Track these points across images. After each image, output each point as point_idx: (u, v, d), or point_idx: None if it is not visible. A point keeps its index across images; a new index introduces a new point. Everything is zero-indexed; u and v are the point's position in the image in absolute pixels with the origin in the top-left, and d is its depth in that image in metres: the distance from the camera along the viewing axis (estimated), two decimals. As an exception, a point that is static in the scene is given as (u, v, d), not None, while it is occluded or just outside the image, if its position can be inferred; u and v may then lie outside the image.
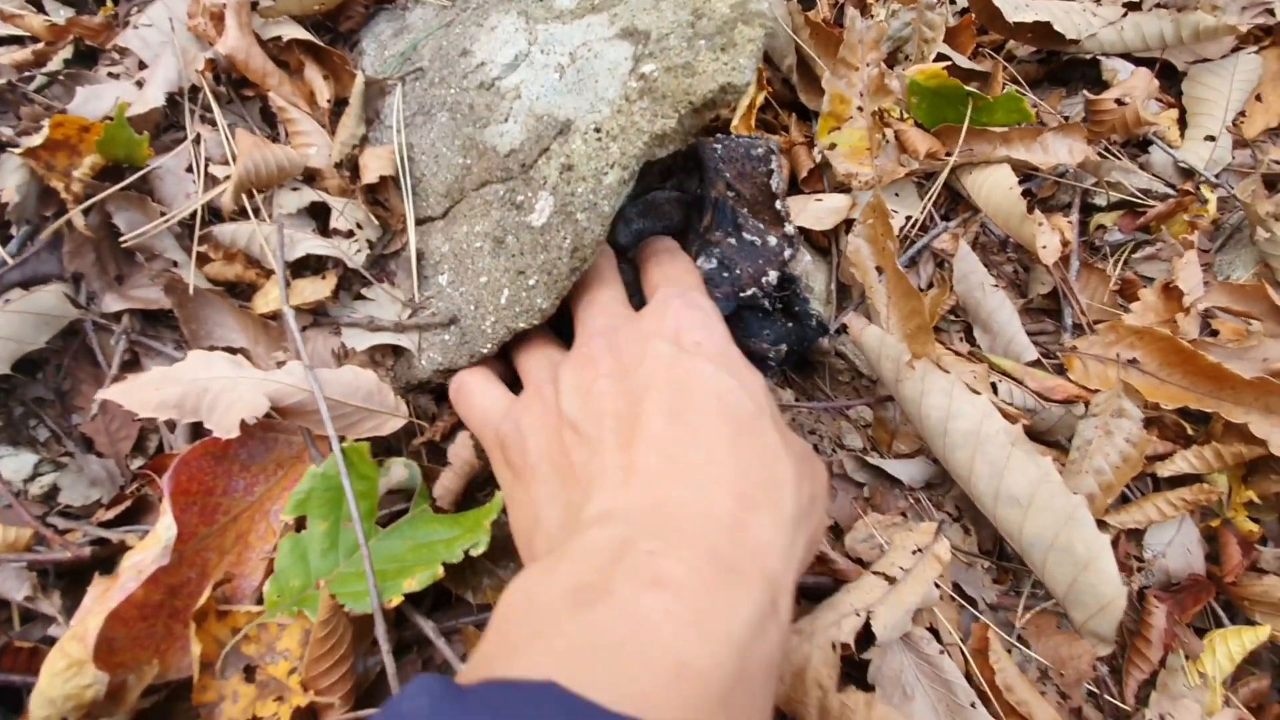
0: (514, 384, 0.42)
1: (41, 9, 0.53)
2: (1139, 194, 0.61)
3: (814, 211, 0.58)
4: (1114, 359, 0.51)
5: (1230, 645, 0.44)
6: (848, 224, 0.59)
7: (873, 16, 0.65)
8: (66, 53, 0.50)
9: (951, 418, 0.48)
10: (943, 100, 0.59)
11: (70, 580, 0.39)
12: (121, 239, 0.44)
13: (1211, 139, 0.63)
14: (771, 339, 0.50)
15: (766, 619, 0.24)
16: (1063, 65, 0.69)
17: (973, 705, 0.41)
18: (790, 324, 0.52)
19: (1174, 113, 0.67)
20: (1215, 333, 0.56)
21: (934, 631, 0.44)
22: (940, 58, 0.65)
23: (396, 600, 0.34)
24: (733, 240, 0.51)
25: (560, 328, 0.44)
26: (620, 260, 0.55)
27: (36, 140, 0.42)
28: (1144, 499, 0.49)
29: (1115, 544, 0.50)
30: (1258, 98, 0.65)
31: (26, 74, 0.49)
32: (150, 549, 0.32)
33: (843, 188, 0.60)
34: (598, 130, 0.41)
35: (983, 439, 0.47)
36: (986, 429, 0.47)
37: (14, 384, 0.43)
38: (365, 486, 0.37)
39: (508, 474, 0.35)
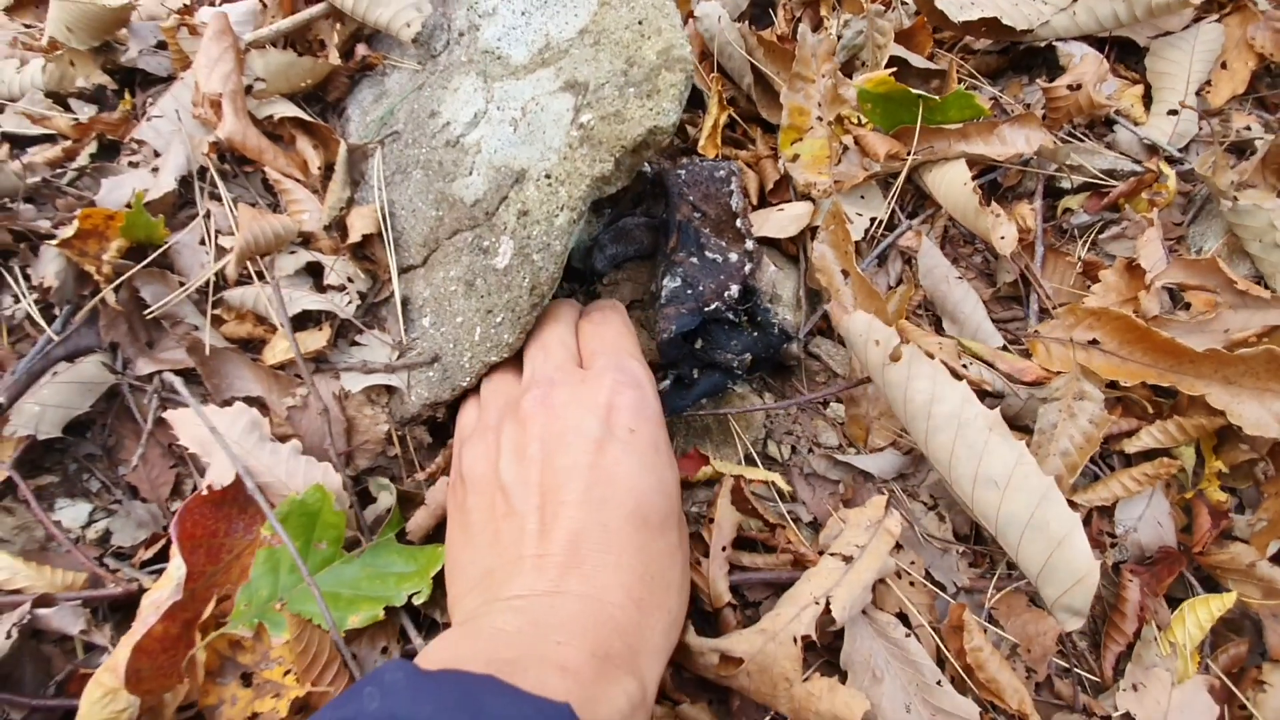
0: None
1: (68, 108, 0.61)
2: (1101, 175, 0.62)
3: (777, 221, 0.61)
4: (1074, 341, 0.53)
5: (1199, 614, 0.46)
6: (813, 231, 0.62)
7: (826, 29, 0.68)
8: (91, 148, 0.56)
9: (935, 401, 0.49)
10: (895, 104, 0.61)
11: (124, 614, 0.45)
12: (147, 310, 0.50)
13: (1174, 113, 0.64)
14: (738, 349, 0.53)
15: (637, 708, 0.30)
16: (1022, 54, 0.70)
17: (939, 683, 0.43)
18: (755, 334, 0.55)
19: (1139, 89, 0.67)
20: (1189, 306, 0.57)
21: (903, 617, 0.47)
22: (896, 60, 0.67)
23: (340, 633, 0.39)
24: (695, 259, 0.54)
25: None
26: (598, 285, 0.59)
27: (69, 231, 0.48)
28: (1110, 476, 0.51)
29: (1087, 522, 0.51)
30: (1223, 65, 0.65)
31: (59, 170, 0.56)
32: (165, 587, 0.37)
33: (806, 197, 0.63)
34: (548, 177, 0.45)
35: (963, 423, 0.49)
36: (966, 414, 0.48)
37: (67, 444, 0.49)
38: (336, 518, 0.42)
39: (451, 502, 0.41)
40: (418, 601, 0.41)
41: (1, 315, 0.51)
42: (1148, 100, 0.67)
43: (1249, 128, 0.64)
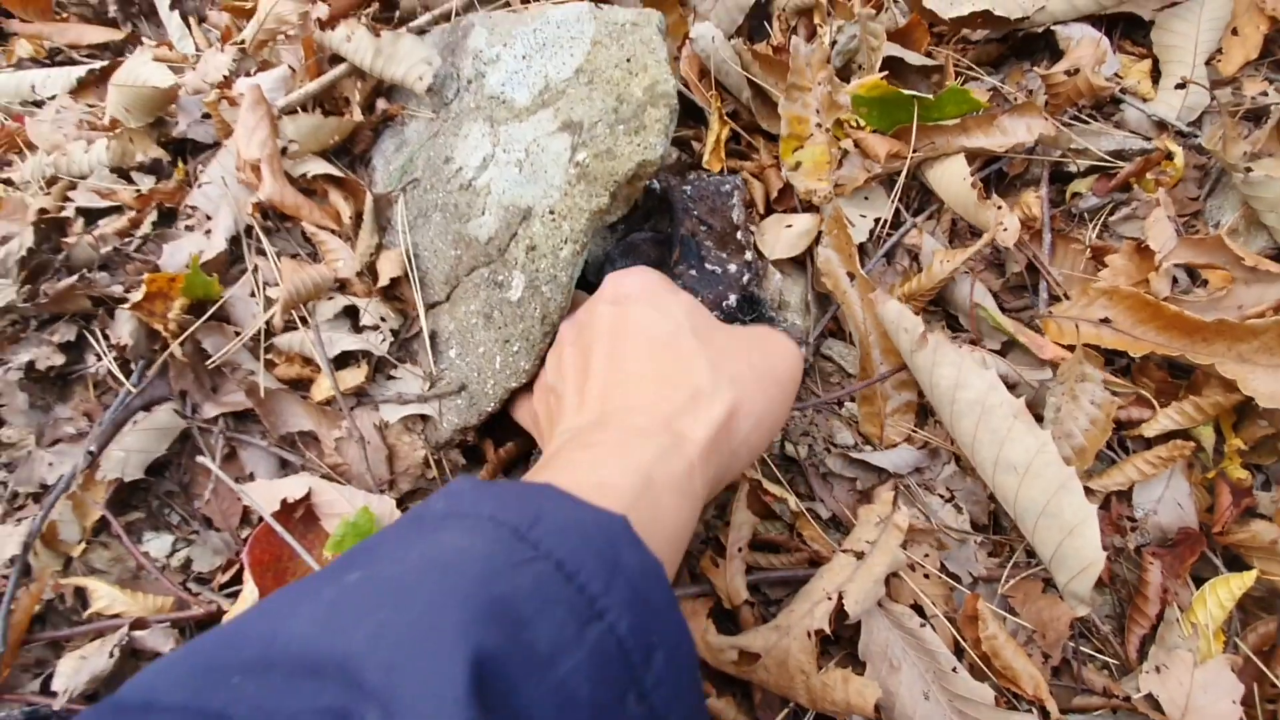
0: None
1: (130, 180, 0.67)
2: (1108, 157, 0.62)
3: (787, 240, 0.63)
4: (1087, 320, 0.53)
5: (1220, 593, 0.46)
6: (819, 236, 0.63)
7: (820, 37, 0.69)
8: (153, 216, 0.63)
9: (959, 387, 0.51)
10: (890, 106, 0.62)
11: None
12: (210, 360, 0.56)
13: (1182, 86, 0.63)
14: (746, 358, 0.56)
15: (669, 454, 0.33)
16: (1022, 40, 0.70)
17: (954, 670, 0.45)
18: (763, 341, 0.57)
19: (1146, 64, 0.66)
20: (1205, 283, 0.56)
21: (918, 608, 0.48)
22: (893, 59, 0.68)
23: None
24: (695, 272, 0.57)
25: None
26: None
27: (139, 295, 0.54)
28: (1124, 460, 0.51)
29: (1106, 506, 0.52)
30: (1233, 31, 0.64)
31: (126, 239, 0.62)
32: (241, 609, 0.42)
33: (810, 204, 0.65)
34: (551, 213, 0.49)
35: (987, 409, 0.50)
36: (991, 400, 0.50)
37: (149, 484, 0.55)
38: None
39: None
40: None
41: (87, 373, 0.58)
42: (1156, 75, 0.66)
43: (1265, 94, 0.62)
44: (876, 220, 0.64)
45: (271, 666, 0.19)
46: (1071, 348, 0.54)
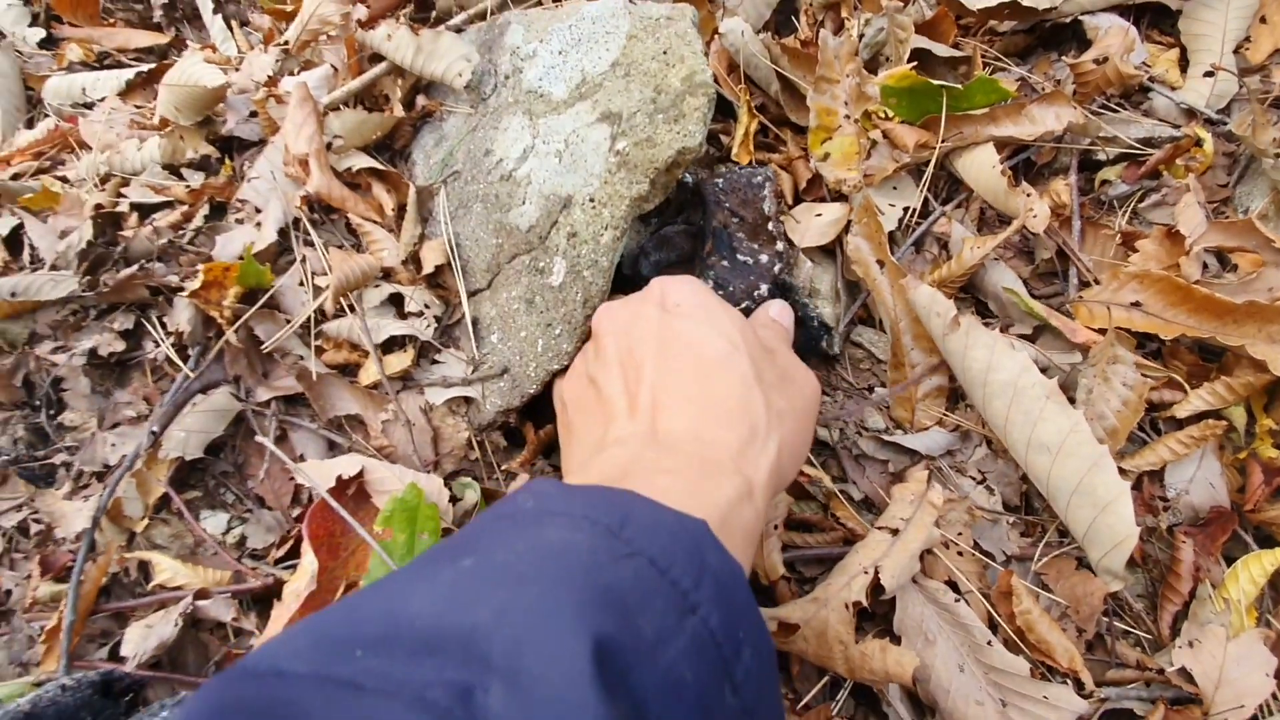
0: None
1: (181, 177, 0.70)
2: (1137, 144, 0.62)
3: (818, 228, 0.64)
4: (1118, 304, 0.54)
5: (1252, 569, 0.46)
6: (848, 225, 0.65)
7: (848, 30, 0.71)
8: (205, 210, 0.65)
9: (991, 370, 0.52)
10: (919, 96, 0.63)
11: (263, 604, 0.53)
12: (262, 346, 0.58)
13: (1210, 74, 0.63)
14: (780, 343, 0.57)
15: (743, 499, 0.33)
16: (1049, 30, 0.70)
17: (989, 643, 0.46)
18: (796, 328, 0.58)
19: (1174, 53, 0.67)
20: (1235, 267, 0.57)
21: (952, 585, 0.49)
22: (921, 51, 0.69)
23: None
24: (727, 262, 0.58)
25: None
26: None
27: (196, 284, 0.57)
28: (1156, 441, 0.52)
29: (1138, 486, 0.53)
30: (1261, 19, 0.64)
31: (180, 231, 0.65)
32: (301, 579, 0.44)
33: (839, 194, 0.66)
34: (592, 200, 0.50)
35: (1019, 391, 0.51)
36: (1023, 381, 0.51)
37: (206, 463, 0.58)
38: (431, 510, 0.48)
39: (559, 431, 0.47)
40: None
41: (145, 359, 0.60)
42: (1184, 64, 0.67)
43: (1293, 80, 0.62)
44: (905, 209, 0.65)
45: (394, 641, 0.20)
46: (1102, 331, 0.54)
